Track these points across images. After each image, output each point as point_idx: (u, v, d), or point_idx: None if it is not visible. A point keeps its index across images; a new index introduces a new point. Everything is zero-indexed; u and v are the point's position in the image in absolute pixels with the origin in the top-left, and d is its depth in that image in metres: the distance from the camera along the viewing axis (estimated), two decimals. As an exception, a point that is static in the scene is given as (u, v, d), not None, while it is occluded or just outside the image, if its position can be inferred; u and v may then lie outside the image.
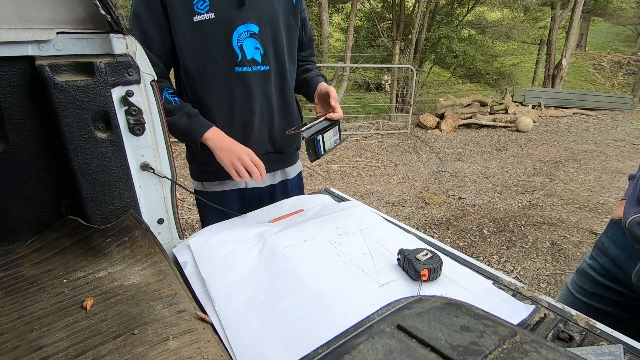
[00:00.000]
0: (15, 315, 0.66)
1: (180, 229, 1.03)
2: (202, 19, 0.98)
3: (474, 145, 5.75)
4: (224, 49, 1.04)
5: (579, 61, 12.67)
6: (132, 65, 0.80)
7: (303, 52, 1.27)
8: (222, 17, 1.00)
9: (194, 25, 0.99)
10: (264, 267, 0.87)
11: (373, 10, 8.71)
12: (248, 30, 1.05)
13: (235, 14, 1.02)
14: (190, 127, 1.03)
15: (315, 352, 0.41)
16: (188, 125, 1.03)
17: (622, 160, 5.02)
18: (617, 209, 1.02)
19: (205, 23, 0.99)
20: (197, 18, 0.98)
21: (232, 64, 1.06)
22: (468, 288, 0.80)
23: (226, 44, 1.03)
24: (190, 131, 1.04)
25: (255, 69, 1.09)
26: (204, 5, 0.98)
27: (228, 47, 1.04)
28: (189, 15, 0.98)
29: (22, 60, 0.73)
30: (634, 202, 0.90)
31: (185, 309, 0.69)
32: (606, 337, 0.68)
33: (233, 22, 1.02)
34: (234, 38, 1.03)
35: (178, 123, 1.03)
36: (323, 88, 1.14)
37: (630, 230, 0.88)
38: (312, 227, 1.04)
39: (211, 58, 1.04)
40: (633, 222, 0.87)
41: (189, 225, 3.17)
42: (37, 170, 0.82)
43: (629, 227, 0.88)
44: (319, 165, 4.72)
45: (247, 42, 1.06)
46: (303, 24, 1.20)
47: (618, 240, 0.98)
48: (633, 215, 0.88)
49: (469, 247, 2.93)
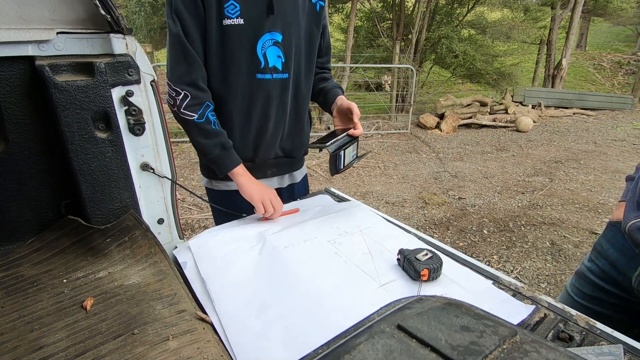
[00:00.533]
0: (15, 315, 0.66)
1: (180, 229, 1.03)
2: (231, 23, 0.99)
3: (474, 145, 5.75)
4: (249, 55, 1.05)
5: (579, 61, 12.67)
6: (132, 65, 0.80)
7: (320, 59, 1.27)
8: (251, 23, 1.02)
9: (222, 28, 1.00)
10: (264, 267, 0.87)
11: (373, 10, 8.71)
12: (272, 38, 1.06)
13: (263, 22, 1.03)
14: (222, 160, 1.06)
15: (315, 352, 0.41)
16: (220, 156, 1.06)
17: (622, 160, 5.02)
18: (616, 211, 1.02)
19: (233, 28, 1.00)
20: (226, 22, 0.99)
21: (255, 70, 1.08)
22: (468, 288, 0.80)
23: (251, 50, 1.05)
24: (221, 164, 1.07)
25: (275, 76, 1.11)
26: (235, 10, 0.99)
27: (252, 53, 1.05)
28: (219, 18, 0.99)
29: (22, 60, 0.73)
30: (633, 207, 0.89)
31: (185, 309, 0.69)
32: (606, 337, 0.68)
33: (260, 30, 1.04)
34: (258, 45, 1.05)
35: (210, 151, 1.05)
36: (344, 104, 1.14)
37: (630, 235, 0.88)
38: (312, 227, 1.04)
39: (235, 63, 1.06)
40: (633, 227, 0.87)
41: (189, 225, 3.17)
42: (37, 170, 0.82)
43: (629, 232, 0.88)
44: (319, 166, 4.72)
45: (271, 50, 1.08)
46: (323, 30, 1.20)
47: (617, 243, 0.98)
48: (633, 220, 0.87)
49: (469, 247, 2.93)
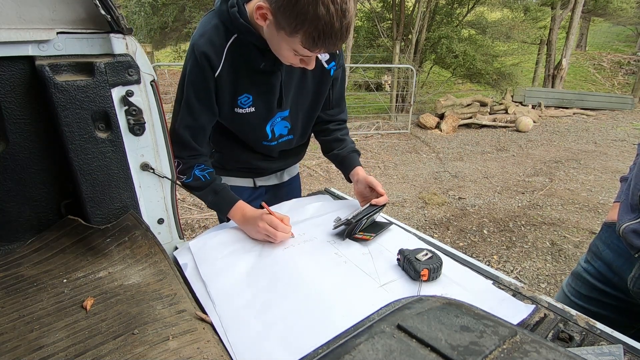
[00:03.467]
0: (15, 315, 0.66)
1: (181, 229, 1.03)
2: (243, 112, 1.03)
3: (474, 145, 5.75)
4: (258, 132, 1.09)
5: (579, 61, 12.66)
6: (132, 65, 0.80)
7: (330, 110, 1.22)
8: (262, 111, 1.05)
9: (235, 114, 1.03)
10: (264, 267, 0.87)
11: (373, 10, 8.71)
12: (281, 116, 1.10)
13: (274, 109, 1.06)
14: (217, 204, 1.07)
15: (315, 352, 0.41)
16: (214, 202, 1.07)
17: (622, 160, 5.02)
18: (611, 212, 1.02)
19: (245, 115, 1.04)
20: (238, 110, 1.02)
21: (262, 140, 1.12)
22: (468, 288, 0.80)
23: (260, 128, 1.09)
24: (217, 209, 1.10)
25: (280, 140, 1.15)
26: (248, 102, 1.02)
27: (261, 130, 1.09)
28: (232, 107, 1.02)
29: (22, 60, 0.73)
30: (627, 209, 0.90)
31: (185, 309, 0.69)
32: (606, 337, 0.68)
33: (270, 114, 1.07)
34: (268, 125, 1.09)
35: (206, 200, 1.08)
36: (361, 179, 1.13)
37: (624, 237, 0.88)
38: (312, 227, 1.04)
39: (245, 136, 1.11)
40: (627, 229, 0.87)
41: (189, 225, 3.17)
42: (37, 170, 0.82)
43: (623, 234, 0.88)
44: (319, 166, 4.72)
45: (279, 124, 1.11)
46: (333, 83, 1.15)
47: (612, 244, 0.98)
48: (627, 222, 0.87)
49: (469, 247, 2.93)
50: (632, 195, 0.88)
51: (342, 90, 1.22)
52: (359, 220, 0.97)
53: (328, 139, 1.24)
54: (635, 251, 0.86)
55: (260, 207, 1.03)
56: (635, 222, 0.86)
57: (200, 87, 0.95)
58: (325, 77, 1.09)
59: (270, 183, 1.34)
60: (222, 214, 1.09)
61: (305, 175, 4.38)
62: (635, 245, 0.85)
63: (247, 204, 1.06)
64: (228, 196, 1.07)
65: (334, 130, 1.24)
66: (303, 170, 4.51)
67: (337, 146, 1.23)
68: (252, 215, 1.01)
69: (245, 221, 1.03)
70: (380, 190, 1.07)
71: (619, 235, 0.90)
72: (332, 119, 1.23)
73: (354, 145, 1.23)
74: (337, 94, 1.20)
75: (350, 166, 1.18)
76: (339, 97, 1.22)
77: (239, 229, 1.05)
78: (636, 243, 0.85)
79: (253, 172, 1.26)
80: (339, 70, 1.13)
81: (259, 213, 1.00)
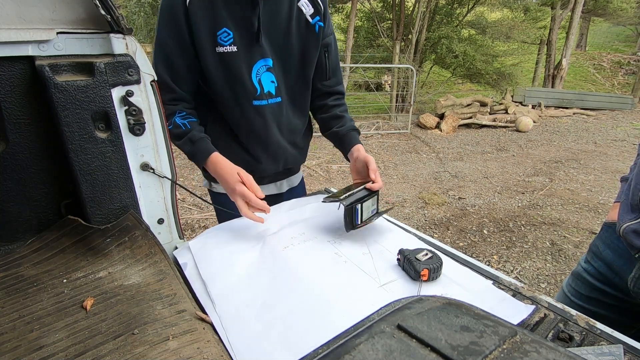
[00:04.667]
0: (15, 315, 0.66)
1: (181, 229, 1.03)
2: (224, 50, 1.00)
3: (474, 145, 5.75)
4: (244, 83, 1.06)
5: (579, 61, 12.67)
6: (132, 65, 0.80)
7: (327, 81, 1.20)
8: (244, 50, 1.02)
9: (216, 55, 1.01)
10: (264, 267, 0.87)
11: (373, 10, 8.71)
12: (266, 64, 1.07)
13: (255, 49, 1.04)
14: (193, 154, 1.06)
15: (315, 352, 0.41)
16: (191, 152, 1.06)
17: (622, 160, 5.02)
18: (611, 212, 1.02)
19: (228, 55, 1.01)
20: (220, 49, 1.00)
21: (252, 98, 1.08)
22: (468, 288, 0.80)
23: (247, 77, 1.06)
24: (194, 160, 1.08)
25: (270, 101, 1.11)
26: (228, 38, 1.00)
27: (248, 81, 1.06)
28: (212, 45, 1.00)
29: (22, 60, 0.73)
30: (627, 209, 0.90)
31: (185, 309, 0.69)
32: (606, 337, 0.68)
33: (253, 57, 1.04)
34: (253, 72, 1.06)
35: (184, 150, 1.07)
36: (360, 157, 1.09)
37: (624, 237, 0.88)
38: (312, 227, 1.04)
39: (233, 90, 1.07)
40: (627, 229, 0.87)
41: (189, 225, 3.17)
42: (37, 170, 0.82)
43: (624, 234, 0.88)
44: (319, 166, 4.72)
45: (265, 76, 1.08)
46: (327, 49, 1.15)
47: (613, 244, 0.98)
48: (627, 222, 0.87)
49: (469, 247, 2.93)
50: (632, 195, 0.88)
51: (337, 59, 1.20)
52: (352, 205, 0.95)
53: (326, 116, 1.22)
54: (636, 251, 0.86)
55: None
56: (635, 222, 0.86)
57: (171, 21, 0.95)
58: (310, 34, 1.09)
59: (269, 193, 1.30)
60: (198, 164, 1.07)
61: (305, 175, 4.37)
62: (635, 245, 0.85)
63: (224, 158, 1.04)
64: (204, 146, 1.05)
65: (333, 107, 1.22)
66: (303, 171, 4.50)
67: (335, 124, 1.21)
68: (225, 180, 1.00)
69: (220, 177, 1.02)
70: (372, 175, 1.03)
71: (619, 236, 0.90)
72: (330, 91, 1.22)
73: (354, 124, 1.21)
74: (333, 62, 1.18)
75: (349, 145, 1.15)
76: (335, 66, 1.20)
77: (239, 229, 1.05)
78: (636, 243, 0.85)
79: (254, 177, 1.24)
80: (330, 36, 1.13)
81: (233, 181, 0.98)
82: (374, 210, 1.05)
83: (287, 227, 1.04)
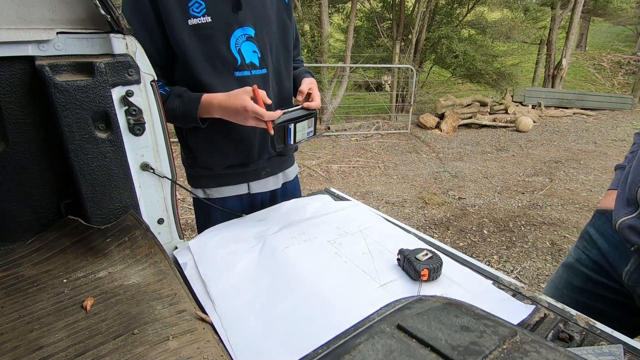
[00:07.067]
0: (15, 315, 0.66)
1: (180, 229, 1.03)
2: (198, 22, 0.97)
3: (474, 145, 5.75)
4: (223, 53, 1.03)
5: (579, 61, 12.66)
6: (132, 65, 0.80)
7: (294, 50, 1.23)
8: (219, 20, 0.99)
9: (189, 28, 0.97)
10: (264, 267, 0.87)
11: (373, 10, 8.71)
12: (245, 34, 1.04)
13: (232, 18, 1.01)
14: (184, 107, 1.01)
15: (315, 352, 0.41)
16: (181, 106, 1.02)
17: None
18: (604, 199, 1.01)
19: (201, 27, 0.98)
20: (192, 21, 0.97)
21: (232, 69, 1.05)
22: (468, 288, 0.80)
23: (225, 48, 1.02)
24: (186, 111, 1.02)
25: (254, 72, 1.08)
26: (200, 9, 0.97)
27: (227, 51, 1.03)
28: (184, 18, 0.96)
29: (22, 60, 0.73)
30: (623, 203, 0.89)
31: (185, 309, 0.69)
32: (606, 337, 0.68)
33: (230, 26, 1.01)
34: (231, 42, 1.03)
35: (173, 107, 1.02)
36: (307, 82, 1.12)
37: (620, 232, 0.88)
38: (312, 227, 1.04)
39: (211, 62, 1.03)
40: (623, 224, 0.87)
41: (189, 225, 3.17)
42: (37, 170, 0.82)
43: (620, 229, 0.88)
44: (319, 166, 4.72)
45: (245, 45, 1.05)
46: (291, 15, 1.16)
47: (606, 233, 0.97)
48: (623, 217, 0.87)
49: (469, 247, 2.93)
50: (629, 189, 0.88)
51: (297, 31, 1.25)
52: (285, 124, 0.94)
53: None
54: (631, 245, 0.86)
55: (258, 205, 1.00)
56: (630, 217, 0.85)
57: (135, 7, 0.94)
58: (281, 3, 1.11)
59: (267, 189, 1.29)
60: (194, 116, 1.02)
61: (305, 175, 4.38)
62: (631, 241, 0.85)
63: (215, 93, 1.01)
64: (193, 95, 1.02)
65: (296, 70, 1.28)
66: (303, 170, 4.51)
67: None
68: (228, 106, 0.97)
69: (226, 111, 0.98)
70: (305, 87, 1.06)
71: (616, 230, 0.90)
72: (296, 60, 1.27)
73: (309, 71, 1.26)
74: (296, 33, 1.23)
75: (300, 80, 1.16)
76: (297, 38, 1.25)
77: (239, 229, 1.05)
78: (632, 239, 0.85)
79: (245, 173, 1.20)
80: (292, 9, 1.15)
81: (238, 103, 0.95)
82: (310, 133, 1.05)
83: (287, 227, 1.04)
